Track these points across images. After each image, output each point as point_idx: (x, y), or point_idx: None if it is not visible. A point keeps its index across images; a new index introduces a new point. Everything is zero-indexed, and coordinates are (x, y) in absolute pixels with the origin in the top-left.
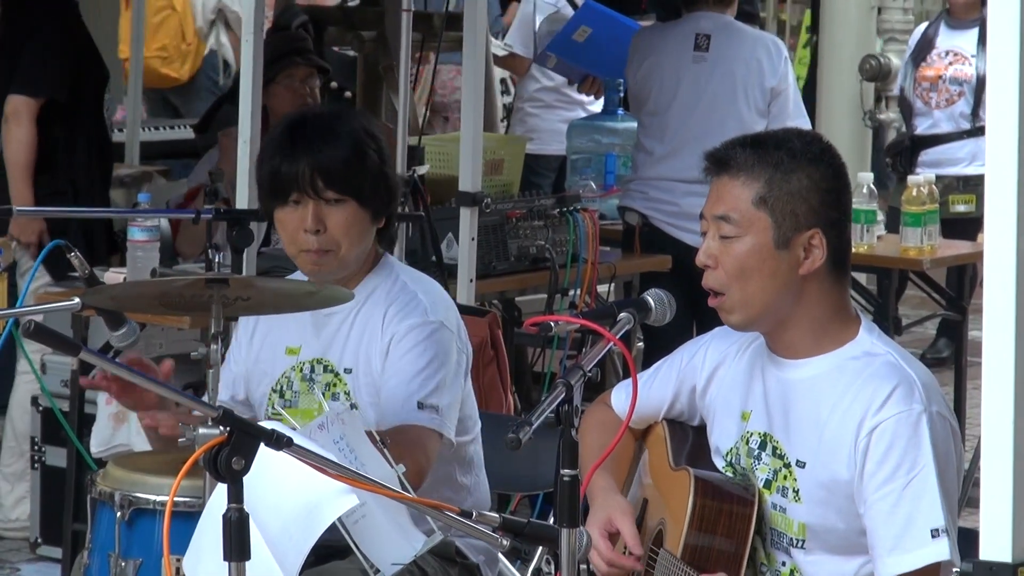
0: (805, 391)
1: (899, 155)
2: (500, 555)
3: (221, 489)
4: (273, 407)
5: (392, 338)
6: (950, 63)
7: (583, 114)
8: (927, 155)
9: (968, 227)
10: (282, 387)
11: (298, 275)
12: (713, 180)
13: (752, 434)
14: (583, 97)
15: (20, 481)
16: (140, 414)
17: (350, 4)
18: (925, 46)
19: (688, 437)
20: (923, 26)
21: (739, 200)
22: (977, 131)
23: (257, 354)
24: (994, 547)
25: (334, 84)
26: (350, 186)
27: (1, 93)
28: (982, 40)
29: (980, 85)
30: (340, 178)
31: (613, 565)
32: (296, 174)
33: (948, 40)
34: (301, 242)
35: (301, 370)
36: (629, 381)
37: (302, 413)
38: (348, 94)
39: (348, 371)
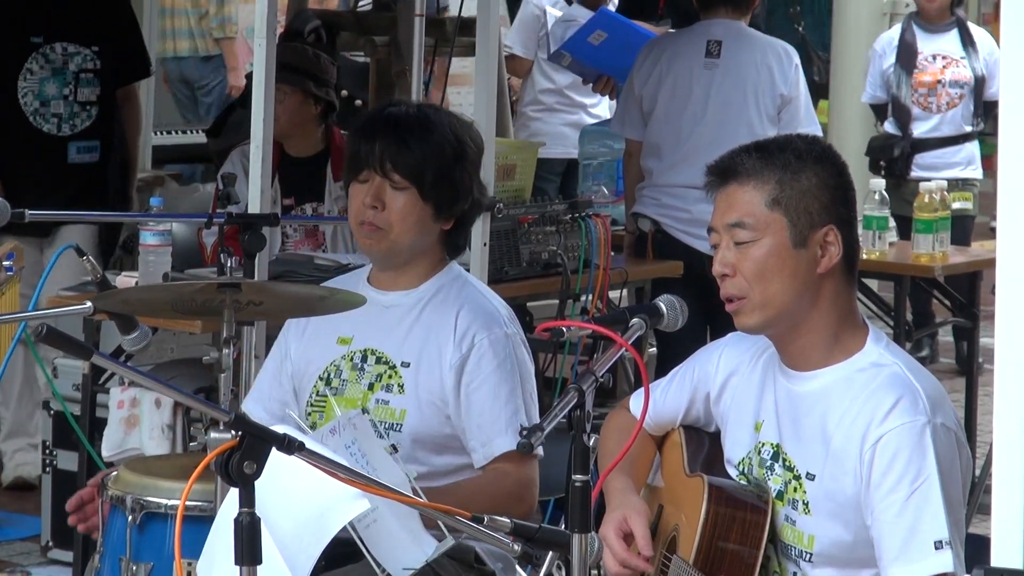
0: (813, 404)
1: (894, 160)
2: (517, 564)
3: (234, 493)
4: (318, 393)
5: (474, 346)
6: (944, 67)
7: (586, 117)
8: (923, 158)
9: (965, 225)
10: (329, 375)
11: (349, 278)
12: (719, 191)
13: (764, 444)
14: (585, 100)
15: None
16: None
17: (362, 9)
18: (910, 52)
19: (704, 443)
20: (892, 33)
21: (752, 204)
22: (974, 135)
23: (307, 346)
24: (1006, 554)
25: (344, 92)
26: (414, 175)
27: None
28: (966, 41)
29: (978, 86)
30: (406, 165)
31: (626, 565)
32: (370, 152)
33: (929, 44)
34: (359, 213)
35: (352, 359)
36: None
37: (347, 402)
38: (359, 102)
39: (406, 365)
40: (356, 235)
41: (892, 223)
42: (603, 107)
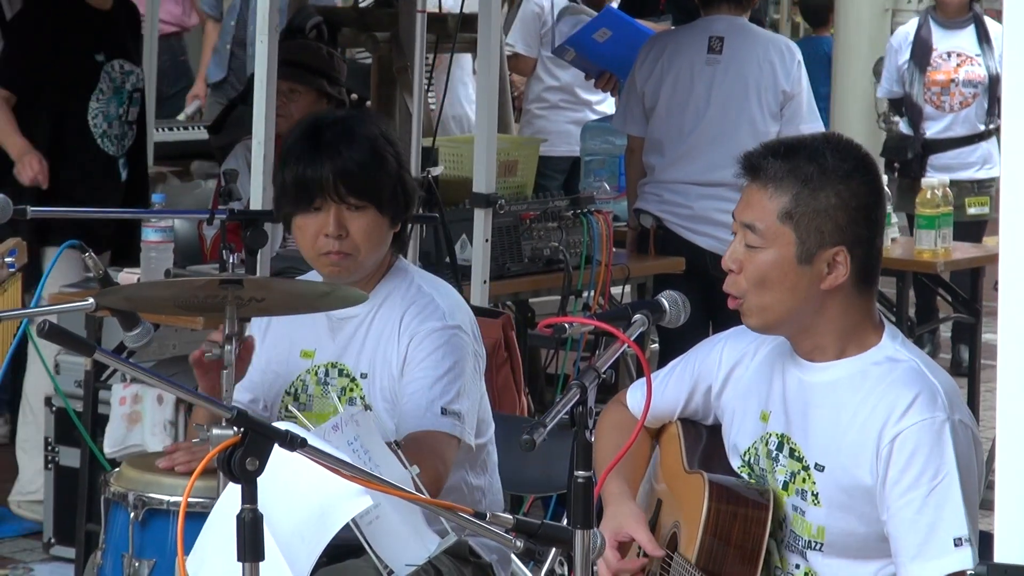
0: (825, 395)
1: (909, 161)
2: (512, 554)
3: (230, 489)
4: (287, 409)
5: (411, 341)
6: (958, 65)
7: (590, 114)
8: (938, 159)
9: (980, 229)
10: (296, 390)
11: (311, 275)
12: (745, 184)
13: (771, 435)
14: (590, 97)
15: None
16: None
17: (364, 5)
18: (925, 49)
19: (702, 437)
20: (908, 28)
21: (765, 212)
22: (988, 134)
23: (269, 355)
24: (1009, 549)
25: (355, 96)
26: (371, 193)
27: None
28: (982, 38)
29: (993, 84)
30: (361, 185)
31: (619, 574)
32: (320, 180)
33: (945, 41)
34: (321, 245)
35: (316, 374)
36: (644, 381)
37: (316, 417)
38: (369, 103)
39: (364, 376)
40: (317, 266)
41: (895, 219)
42: (608, 104)
